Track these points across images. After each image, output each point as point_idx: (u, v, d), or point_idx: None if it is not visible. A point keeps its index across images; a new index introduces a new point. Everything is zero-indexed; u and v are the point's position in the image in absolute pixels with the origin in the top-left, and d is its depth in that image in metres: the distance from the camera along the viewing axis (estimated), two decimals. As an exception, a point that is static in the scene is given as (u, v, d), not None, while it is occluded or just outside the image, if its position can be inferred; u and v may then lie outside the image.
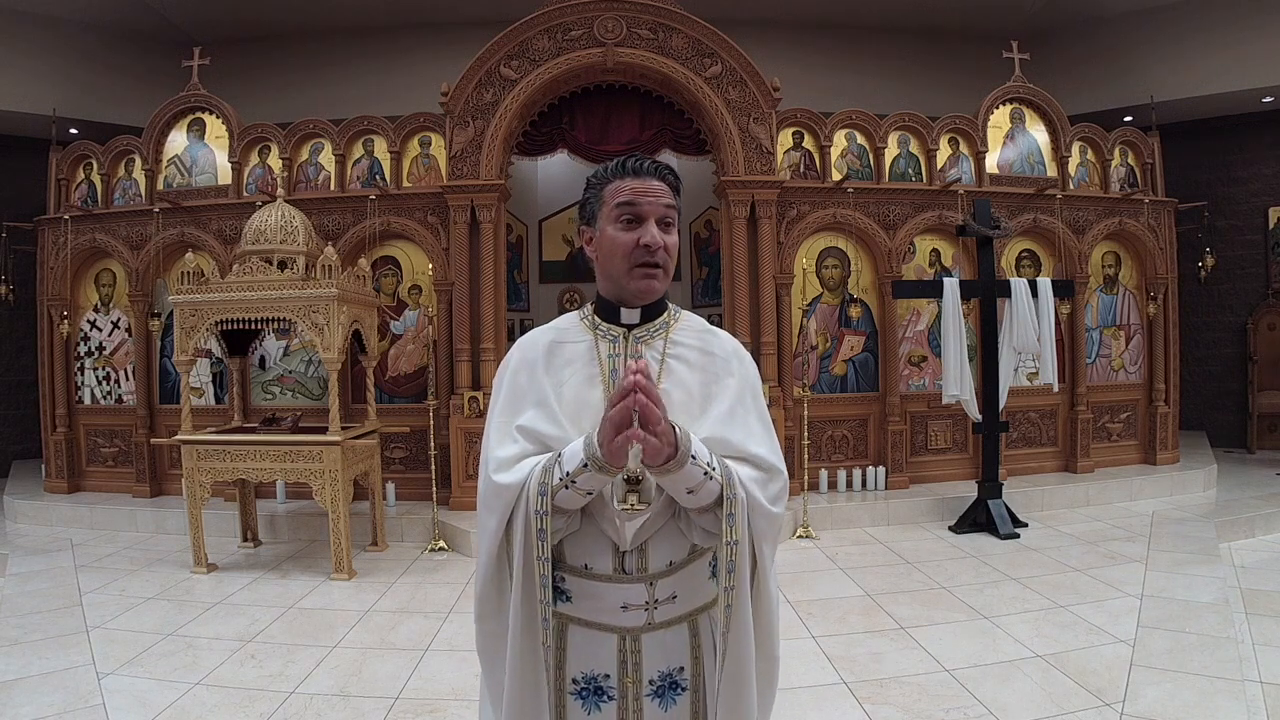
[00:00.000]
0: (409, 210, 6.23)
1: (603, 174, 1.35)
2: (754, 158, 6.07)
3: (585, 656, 1.30)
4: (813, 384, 6.24)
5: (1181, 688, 2.95)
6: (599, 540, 1.27)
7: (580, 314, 1.42)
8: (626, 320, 1.37)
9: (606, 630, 1.30)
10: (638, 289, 1.32)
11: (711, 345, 1.39)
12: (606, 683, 1.30)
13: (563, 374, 1.34)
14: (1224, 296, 8.72)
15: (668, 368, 1.35)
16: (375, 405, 5.56)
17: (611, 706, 1.30)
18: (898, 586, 4.39)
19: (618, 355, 1.35)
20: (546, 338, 1.39)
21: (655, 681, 1.30)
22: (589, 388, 1.33)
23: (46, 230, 6.64)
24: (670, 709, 1.32)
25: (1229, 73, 7.67)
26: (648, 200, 1.29)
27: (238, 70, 8.03)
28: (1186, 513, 5.76)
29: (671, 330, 1.39)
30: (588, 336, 1.38)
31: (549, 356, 1.36)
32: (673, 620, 1.31)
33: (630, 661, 1.29)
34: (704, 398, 1.34)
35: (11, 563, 5.00)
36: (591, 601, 1.28)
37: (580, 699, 1.30)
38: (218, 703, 3.05)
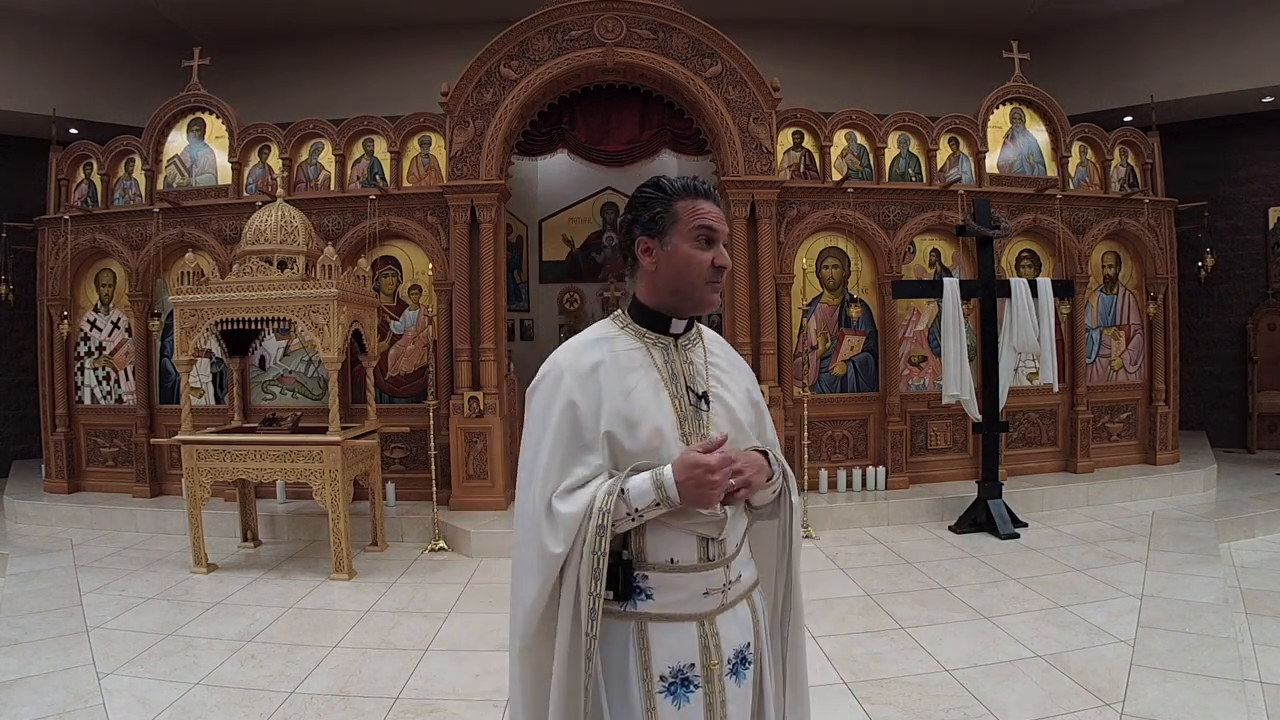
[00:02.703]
0: (409, 210, 6.23)
1: (671, 189, 1.41)
2: (754, 158, 6.07)
3: (669, 651, 1.34)
4: (813, 384, 6.24)
5: (1181, 688, 2.95)
6: (685, 535, 1.34)
7: (617, 323, 1.47)
8: (675, 330, 1.46)
9: (686, 619, 1.35)
10: (709, 302, 1.43)
11: (731, 356, 1.56)
12: (691, 671, 1.34)
13: (629, 378, 1.39)
14: (1224, 296, 8.72)
15: (712, 373, 1.47)
16: (375, 405, 5.56)
17: (698, 694, 1.34)
18: (898, 586, 4.39)
19: (672, 362, 1.44)
20: (595, 349, 1.41)
21: (731, 660, 1.38)
22: (656, 393, 1.39)
23: (46, 230, 6.64)
24: (743, 684, 1.40)
25: (1229, 73, 7.66)
26: (720, 226, 1.41)
27: (238, 70, 8.03)
28: (1186, 513, 5.76)
29: (704, 340, 1.52)
30: (638, 344, 1.44)
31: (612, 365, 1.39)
32: (739, 598, 1.41)
33: (711, 644, 1.36)
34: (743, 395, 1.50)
35: (11, 563, 5.01)
36: (675, 593, 1.34)
37: (670, 695, 1.33)
38: (218, 703, 3.05)
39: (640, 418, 1.35)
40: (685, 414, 1.39)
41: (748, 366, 1.60)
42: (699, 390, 1.42)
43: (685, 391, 1.41)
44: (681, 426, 1.38)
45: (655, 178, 1.46)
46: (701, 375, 1.44)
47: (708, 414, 1.41)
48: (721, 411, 1.42)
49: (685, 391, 1.41)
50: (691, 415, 1.39)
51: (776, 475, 1.42)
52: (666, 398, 1.39)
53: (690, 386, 1.42)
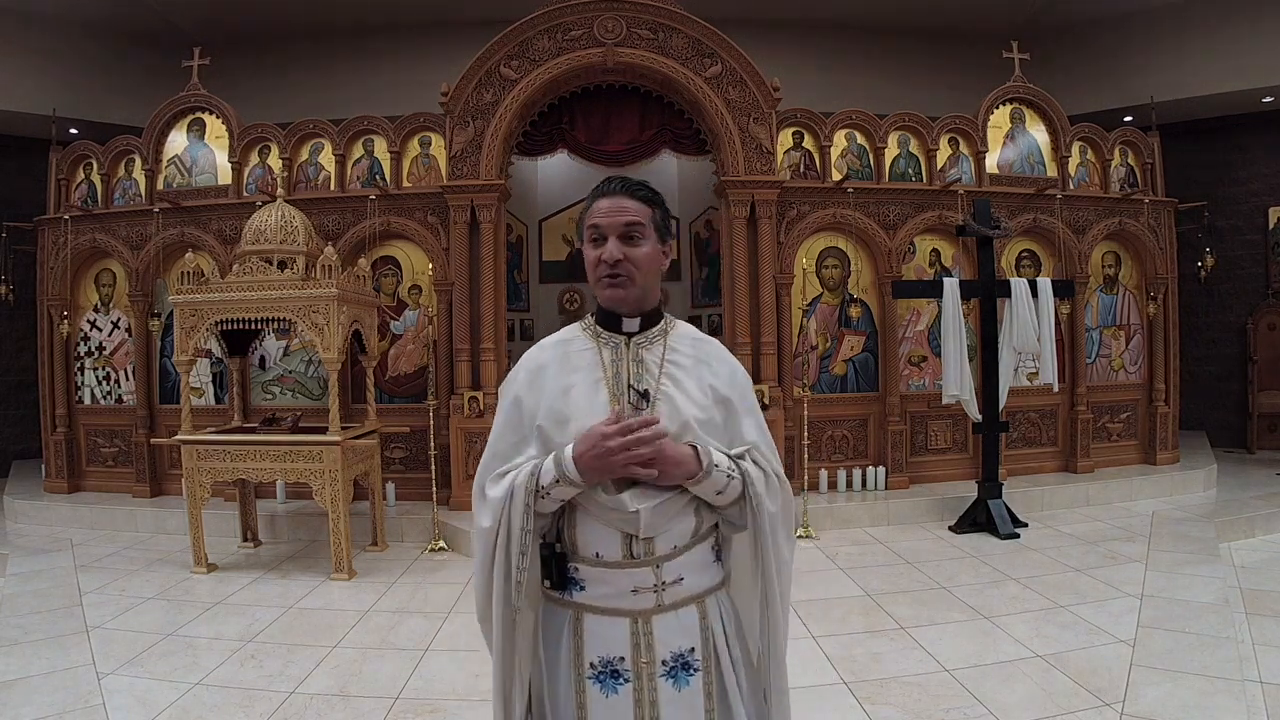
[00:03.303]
0: (409, 210, 6.23)
1: (589, 198, 1.48)
2: (754, 158, 6.07)
3: (601, 641, 1.37)
4: (813, 384, 6.24)
5: (1181, 688, 2.95)
6: (609, 530, 1.36)
7: (583, 324, 1.53)
8: (628, 329, 1.48)
9: (619, 614, 1.37)
10: (605, 298, 1.45)
11: (704, 351, 1.51)
12: (621, 665, 1.36)
13: (571, 379, 1.44)
14: (1224, 296, 8.72)
15: (666, 370, 1.45)
16: (375, 405, 5.56)
17: (628, 688, 1.36)
18: (897, 586, 4.39)
19: (620, 360, 1.45)
20: (552, 350, 1.50)
21: (668, 662, 1.38)
22: (594, 392, 1.43)
23: (46, 230, 6.64)
24: (684, 689, 1.38)
25: (1229, 73, 7.67)
26: (608, 219, 1.41)
27: (238, 70, 8.03)
28: (1186, 513, 5.76)
29: (669, 337, 1.50)
30: (592, 344, 1.49)
31: (559, 365, 1.46)
32: (681, 602, 1.39)
33: (643, 643, 1.37)
34: (701, 394, 1.44)
35: (11, 563, 5.00)
36: (603, 587, 1.37)
37: (598, 683, 1.37)
38: (218, 703, 3.05)
39: (571, 415, 1.39)
40: (623, 412, 1.38)
41: (731, 363, 1.52)
42: (640, 388, 1.42)
43: (626, 389, 1.43)
44: None
45: None
46: (652, 374, 1.44)
47: (649, 411, 1.39)
48: (665, 410, 1.39)
49: (626, 389, 1.43)
50: (630, 413, 1.38)
51: (708, 473, 1.33)
52: (604, 396, 1.42)
53: (633, 385, 1.43)
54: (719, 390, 1.46)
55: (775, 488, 1.43)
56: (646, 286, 1.45)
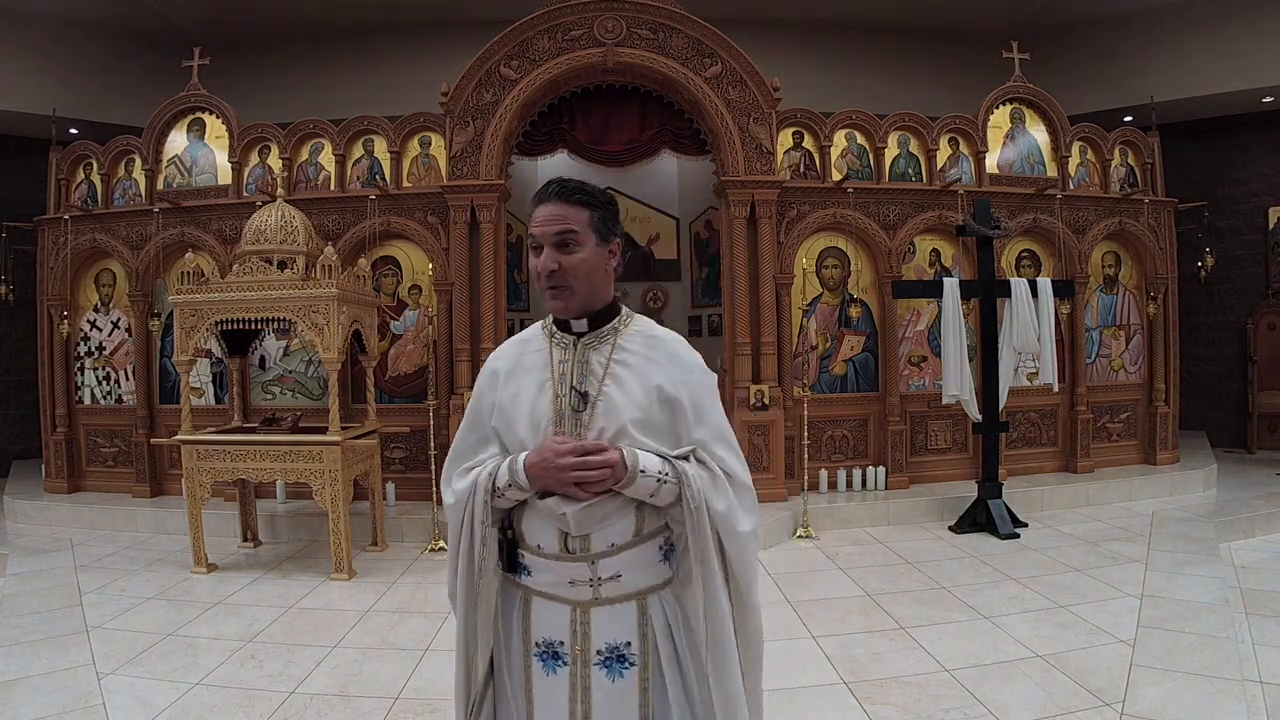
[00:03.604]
0: (409, 210, 6.23)
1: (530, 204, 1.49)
2: (754, 158, 6.07)
3: (544, 624, 1.46)
4: (813, 384, 6.24)
5: (1181, 688, 2.95)
6: (547, 525, 1.42)
7: (543, 323, 1.58)
8: (577, 329, 1.51)
9: (561, 601, 1.44)
10: (548, 308, 1.49)
11: (655, 349, 1.50)
12: (561, 648, 1.45)
13: (522, 380, 1.50)
14: (1224, 296, 8.72)
15: (611, 371, 1.47)
16: (375, 405, 5.56)
17: (565, 670, 1.44)
18: (897, 586, 4.39)
19: (567, 361, 1.49)
20: (511, 351, 1.57)
21: (603, 652, 1.43)
22: (538, 393, 1.48)
23: (46, 230, 6.64)
24: (618, 680, 1.43)
25: (1229, 73, 7.67)
26: (542, 229, 1.43)
27: (238, 70, 8.03)
28: (1186, 513, 5.76)
29: (619, 336, 1.51)
30: (546, 345, 1.54)
31: (512, 366, 1.53)
32: (619, 597, 1.43)
33: (580, 631, 1.43)
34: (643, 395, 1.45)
35: (11, 563, 5.00)
36: (546, 575, 1.44)
37: (542, 661, 1.46)
38: (218, 703, 3.05)
39: (517, 416, 1.47)
40: (564, 412, 1.45)
41: (684, 361, 1.49)
42: (581, 389, 1.46)
43: (569, 391, 1.46)
44: (558, 424, 1.44)
45: None
46: (596, 375, 1.46)
47: (587, 413, 1.43)
48: (604, 410, 1.43)
49: (569, 391, 1.46)
50: (570, 414, 1.44)
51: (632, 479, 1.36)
52: (549, 397, 1.47)
53: (575, 386, 1.46)
54: (665, 390, 1.45)
55: (724, 486, 1.43)
56: (591, 290, 1.46)
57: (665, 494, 1.39)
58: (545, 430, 1.44)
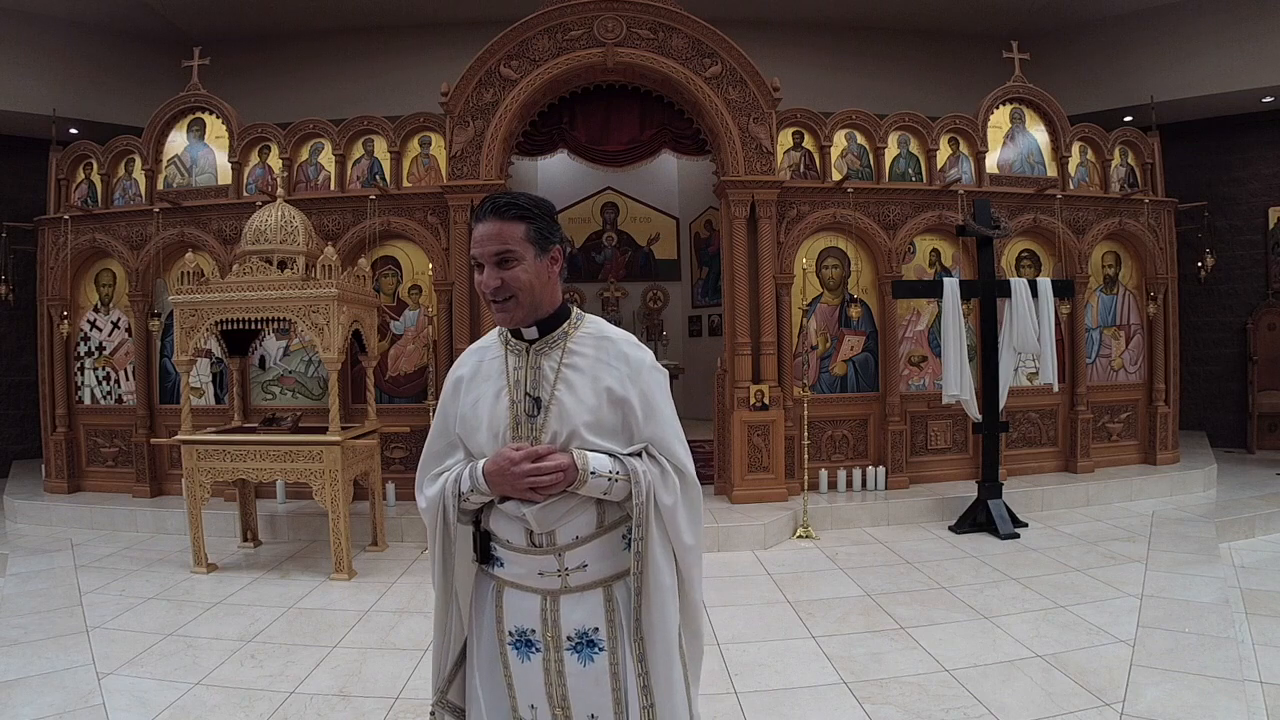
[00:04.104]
0: (409, 210, 6.23)
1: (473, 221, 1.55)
2: (754, 158, 6.07)
3: (516, 613, 1.54)
4: (813, 384, 6.24)
5: (1181, 688, 2.95)
6: (514, 521, 1.50)
7: (498, 331, 1.63)
8: (528, 337, 1.56)
9: (531, 591, 1.53)
10: (496, 320, 1.54)
11: (606, 351, 1.55)
12: (533, 636, 1.53)
13: (481, 388, 1.57)
14: (1224, 296, 8.72)
15: (562, 375, 1.53)
16: (375, 405, 5.56)
17: (539, 657, 1.53)
18: (898, 586, 4.39)
19: (521, 368, 1.55)
20: (471, 359, 1.64)
21: (573, 638, 1.51)
22: (496, 400, 1.55)
23: (46, 230, 6.64)
24: (589, 665, 1.52)
25: (1229, 73, 7.67)
26: (480, 249, 1.48)
27: (238, 70, 8.03)
28: (1186, 513, 5.76)
29: (569, 339, 1.56)
30: (501, 352, 1.60)
31: (472, 374, 1.60)
32: (586, 585, 1.52)
33: (550, 619, 1.52)
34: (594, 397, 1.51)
35: (11, 563, 5.01)
36: (517, 567, 1.53)
37: (515, 649, 1.54)
38: (218, 703, 3.05)
39: (477, 424, 1.55)
40: (519, 419, 1.52)
41: (636, 360, 1.54)
42: (535, 395, 1.52)
43: (524, 397, 1.53)
44: (514, 430, 1.52)
45: None
46: (547, 380, 1.52)
47: (541, 418, 1.51)
48: (556, 415, 1.50)
49: (524, 397, 1.53)
50: (525, 420, 1.52)
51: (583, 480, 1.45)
52: (505, 404, 1.54)
53: (529, 392, 1.53)
54: (615, 391, 1.51)
55: (673, 481, 1.52)
56: (535, 300, 1.50)
57: (618, 491, 1.48)
58: (503, 436, 1.52)
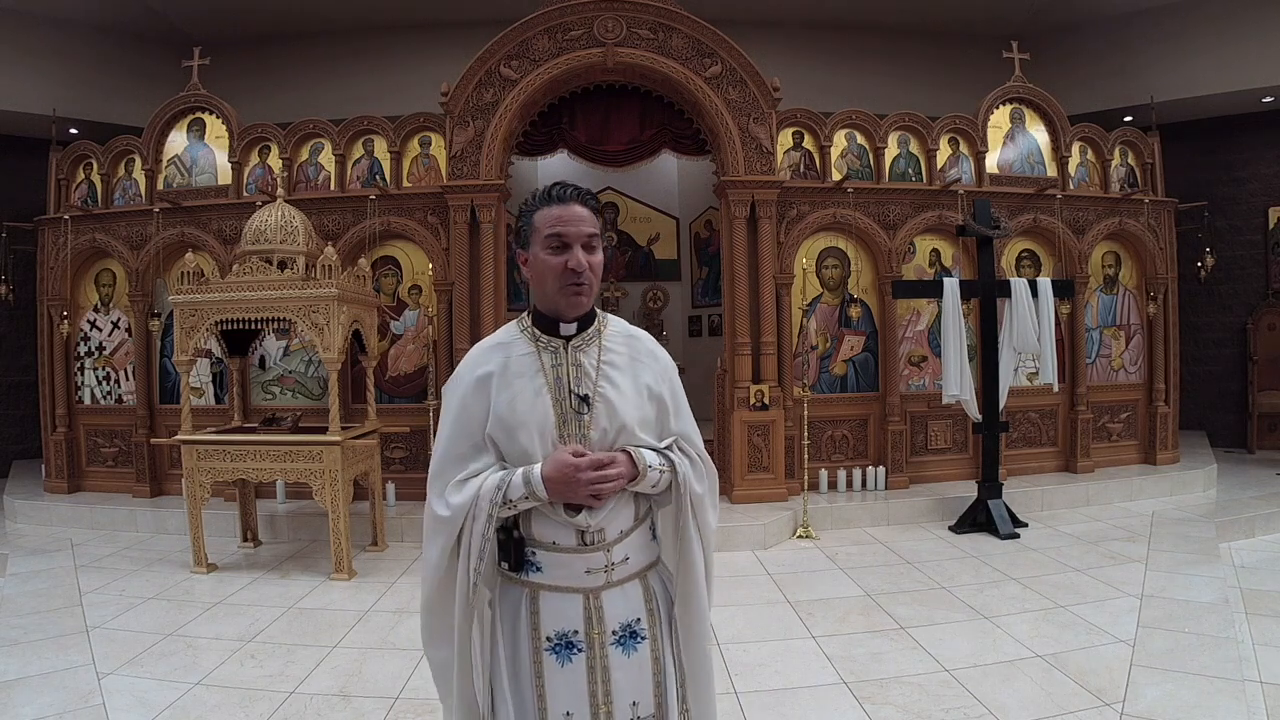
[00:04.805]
0: (409, 210, 6.23)
1: (532, 203, 1.53)
2: (754, 158, 6.07)
3: (556, 617, 1.49)
4: (813, 384, 6.24)
5: (1181, 688, 2.95)
6: (564, 523, 1.48)
7: (519, 326, 1.60)
8: (565, 333, 1.55)
9: (573, 592, 1.50)
10: (568, 305, 1.51)
11: (637, 348, 1.60)
12: (575, 637, 1.49)
13: (516, 386, 1.51)
14: (1224, 296, 8.72)
15: (603, 372, 1.54)
16: (375, 405, 5.56)
17: (581, 657, 1.49)
18: (898, 586, 4.39)
19: (560, 365, 1.53)
20: (493, 355, 1.56)
21: (617, 632, 1.51)
22: (537, 397, 1.51)
23: (46, 230, 6.64)
24: (632, 655, 1.52)
25: (1229, 73, 7.66)
26: (571, 228, 1.47)
27: (238, 70, 8.02)
28: (1186, 513, 5.76)
29: (602, 337, 1.58)
30: (531, 348, 1.55)
31: (501, 371, 1.53)
32: (627, 578, 1.53)
33: (595, 616, 1.50)
34: (636, 394, 1.55)
35: (11, 563, 5.00)
36: (559, 570, 1.49)
37: (554, 654, 1.49)
38: (218, 703, 3.05)
39: (518, 424, 1.49)
40: (566, 416, 1.50)
41: (663, 357, 1.63)
42: (581, 393, 1.51)
43: (568, 394, 1.51)
44: (560, 429, 1.50)
45: (531, 191, 1.57)
46: (589, 377, 1.52)
47: (589, 415, 1.50)
48: (604, 412, 1.50)
49: (568, 394, 1.51)
50: (573, 417, 1.50)
51: (644, 475, 1.48)
52: (548, 402, 1.51)
53: (573, 389, 1.51)
54: (653, 388, 1.57)
55: (701, 470, 1.59)
56: (596, 291, 1.53)
57: (662, 484, 1.53)
58: (550, 435, 1.49)
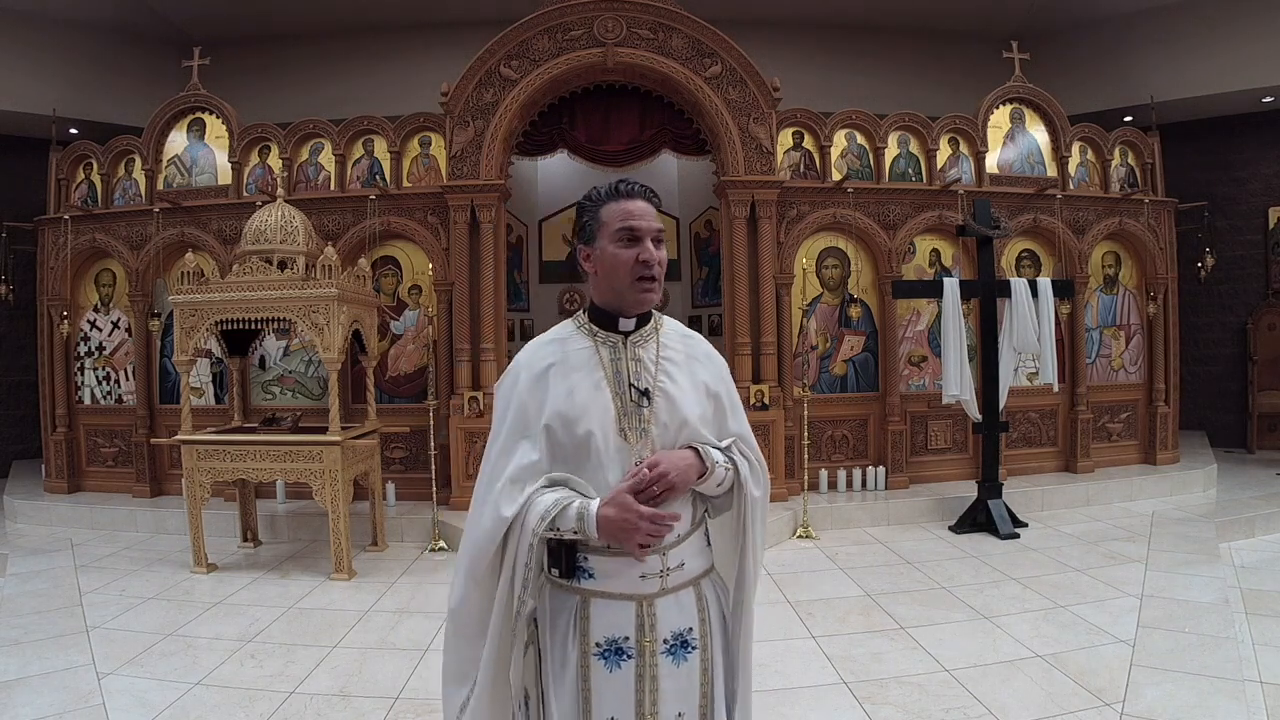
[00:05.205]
0: (409, 210, 6.23)
1: (598, 196, 1.52)
2: (754, 158, 6.07)
3: (606, 623, 1.45)
4: (813, 384, 6.24)
5: (1181, 688, 2.95)
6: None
7: (575, 323, 1.58)
8: (624, 328, 1.54)
9: (624, 598, 1.46)
10: (639, 300, 1.50)
11: (693, 348, 1.60)
12: (626, 644, 1.45)
13: (574, 379, 1.49)
14: (1224, 296, 8.72)
15: (662, 368, 1.53)
16: (375, 405, 5.56)
17: (630, 664, 1.45)
18: (898, 586, 4.39)
19: (619, 359, 1.52)
20: (550, 350, 1.54)
21: (669, 640, 1.47)
22: (596, 391, 1.49)
23: (46, 230, 6.64)
24: (682, 665, 1.48)
25: (1229, 73, 7.66)
26: (643, 222, 1.47)
27: (238, 70, 8.03)
28: (1186, 513, 5.76)
29: (659, 334, 1.58)
30: (588, 343, 1.54)
31: (560, 363, 1.51)
32: (682, 585, 1.49)
33: (647, 624, 1.45)
34: (694, 391, 1.54)
35: (11, 563, 5.00)
36: (613, 576, 1.46)
37: (603, 659, 1.45)
38: (218, 703, 3.05)
39: (578, 416, 1.46)
40: (626, 410, 1.48)
41: (718, 358, 1.63)
42: (641, 387, 1.49)
43: (628, 388, 1.49)
44: (620, 422, 1.47)
45: (592, 187, 1.56)
46: (649, 371, 1.51)
47: (649, 409, 1.48)
48: (665, 407, 1.49)
49: (628, 388, 1.49)
50: (633, 411, 1.48)
51: (712, 471, 1.46)
52: (607, 395, 1.49)
53: (633, 383, 1.49)
54: (710, 386, 1.56)
55: (759, 474, 1.56)
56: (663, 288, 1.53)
57: (726, 484, 1.51)
58: (610, 428, 1.46)
